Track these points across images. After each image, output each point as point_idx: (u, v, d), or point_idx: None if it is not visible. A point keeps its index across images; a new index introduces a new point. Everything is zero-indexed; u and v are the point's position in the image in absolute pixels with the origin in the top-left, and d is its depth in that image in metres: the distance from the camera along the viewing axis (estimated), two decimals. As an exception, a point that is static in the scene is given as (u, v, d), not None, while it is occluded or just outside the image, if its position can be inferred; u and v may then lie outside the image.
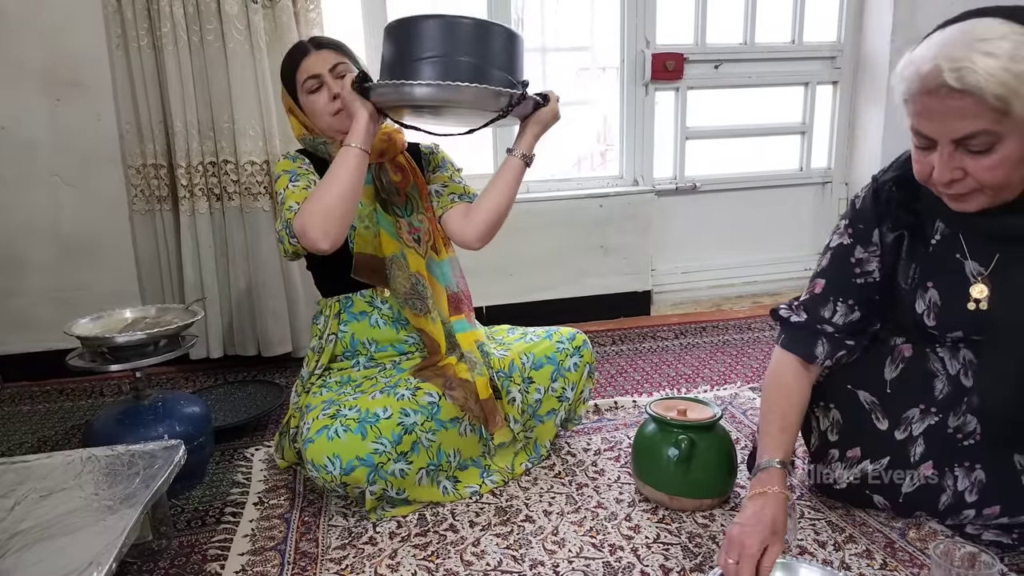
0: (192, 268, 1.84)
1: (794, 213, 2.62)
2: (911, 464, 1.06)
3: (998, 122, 0.80)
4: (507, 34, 1.15)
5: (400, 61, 1.12)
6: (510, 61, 1.14)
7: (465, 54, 1.09)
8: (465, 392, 1.23)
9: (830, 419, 1.13)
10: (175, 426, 1.28)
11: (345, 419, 1.13)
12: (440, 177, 1.40)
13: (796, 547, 1.07)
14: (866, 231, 1.05)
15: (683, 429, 1.17)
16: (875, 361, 1.09)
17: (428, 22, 1.10)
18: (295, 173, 1.27)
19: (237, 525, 1.19)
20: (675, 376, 1.86)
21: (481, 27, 1.12)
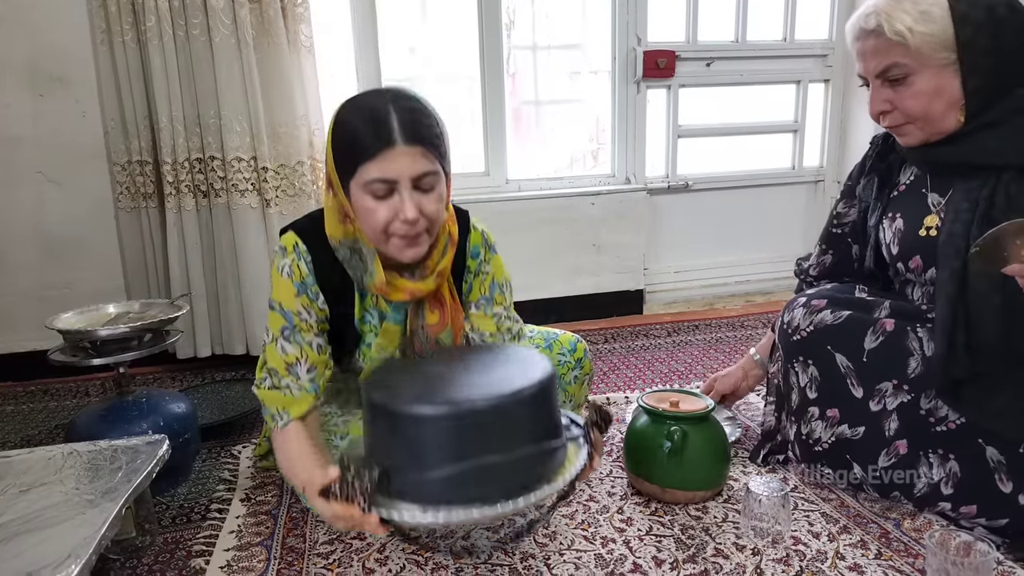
0: (179, 266, 1.82)
1: (787, 212, 2.62)
2: (886, 439, 1.08)
3: (906, 56, 1.01)
4: (541, 391, 0.85)
5: (412, 467, 0.82)
6: (552, 420, 0.89)
7: (506, 448, 0.82)
8: None
9: (809, 375, 1.15)
10: (159, 422, 1.25)
11: (337, 452, 1.10)
12: (484, 320, 1.15)
13: (789, 537, 1.05)
14: (851, 188, 1.28)
15: (675, 421, 1.16)
16: (857, 329, 1.11)
17: (446, 424, 0.81)
18: (290, 327, 1.03)
19: (223, 521, 1.16)
20: (668, 373, 1.85)
21: (516, 402, 0.82)
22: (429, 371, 0.94)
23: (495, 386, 0.84)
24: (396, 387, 0.87)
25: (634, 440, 1.20)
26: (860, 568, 0.98)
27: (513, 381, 0.84)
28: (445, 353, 1.03)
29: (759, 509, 1.05)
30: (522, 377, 0.85)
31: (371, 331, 1.11)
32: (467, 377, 0.90)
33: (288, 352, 1.04)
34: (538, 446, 0.85)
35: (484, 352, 1.01)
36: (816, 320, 1.15)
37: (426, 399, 0.83)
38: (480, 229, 1.14)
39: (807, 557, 1.01)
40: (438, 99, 1.09)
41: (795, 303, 1.21)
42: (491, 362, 0.93)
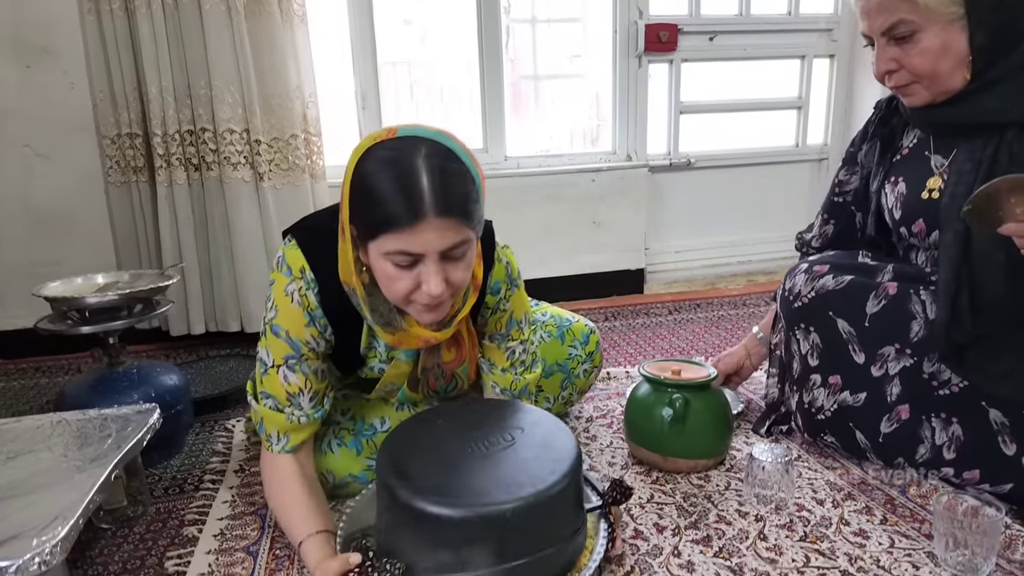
0: (171, 241, 1.78)
1: (790, 190, 2.59)
2: (888, 404, 1.07)
3: (912, 12, 0.99)
4: (569, 484, 0.83)
5: (432, 567, 0.80)
6: (577, 506, 0.87)
7: (533, 548, 0.80)
8: None
9: (810, 342, 1.14)
10: (151, 393, 1.23)
11: (339, 429, 1.07)
12: (496, 353, 1.08)
13: (793, 504, 1.03)
14: (853, 154, 1.26)
15: (677, 389, 1.13)
16: (859, 293, 1.10)
17: (471, 527, 0.77)
18: (296, 356, 0.94)
19: (216, 492, 1.14)
20: (669, 349, 1.82)
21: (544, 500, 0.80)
22: (448, 453, 0.87)
23: (522, 482, 0.80)
24: (415, 476, 0.82)
25: (635, 409, 1.18)
26: (865, 533, 0.96)
27: (540, 475, 0.81)
28: (461, 423, 0.95)
29: (762, 476, 1.03)
30: (549, 470, 0.82)
31: (376, 357, 1.03)
32: (490, 467, 0.84)
33: (291, 382, 0.95)
34: (563, 539, 0.83)
35: (509, 419, 0.94)
36: (818, 286, 1.13)
37: (450, 498, 0.79)
38: (504, 261, 1.03)
39: (811, 523, 0.99)
40: (434, 76, 1.02)
41: (797, 270, 1.19)
42: (514, 449, 0.87)
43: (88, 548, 1.00)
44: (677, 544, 0.95)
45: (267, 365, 0.95)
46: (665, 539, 0.96)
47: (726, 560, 0.91)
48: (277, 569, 0.93)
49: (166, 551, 0.98)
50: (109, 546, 1.00)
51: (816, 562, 0.90)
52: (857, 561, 0.90)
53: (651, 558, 0.92)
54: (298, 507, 0.92)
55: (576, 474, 0.86)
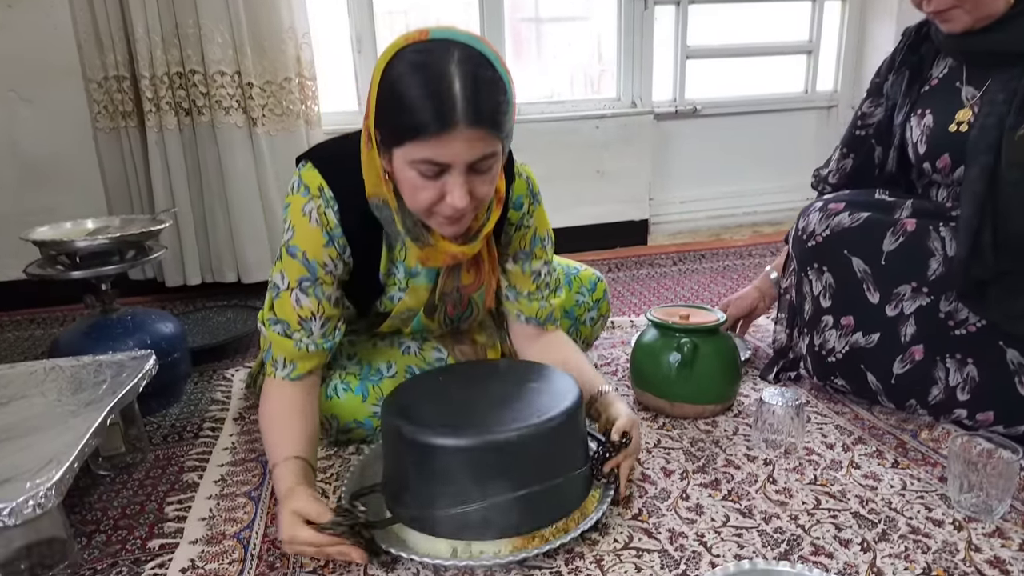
0: (163, 189, 1.74)
1: (798, 139, 2.52)
2: (901, 344, 1.05)
3: None
4: (570, 420, 0.82)
5: (435, 499, 0.79)
6: (580, 448, 0.87)
7: (538, 480, 0.79)
8: (475, 352, 1.13)
9: (823, 283, 1.11)
10: (146, 340, 1.20)
11: (345, 373, 1.04)
12: (521, 278, 1.05)
13: (803, 448, 1.02)
14: (879, 85, 1.21)
15: (685, 333, 1.11)
16: (876, 231, 1.06)
17: (476, 457, 0.77)
18: (312, 279, 0.91)
19: (216, 439, 1.13)
20: (673, 299, 1.80)
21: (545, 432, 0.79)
22: (453, 397, 0.87)
23: (527, 415, 0.80)
24: (421, 416, 0.81)
25: (641, 355, 1.15)
26: (876, 476, 0.94)
27: (545, 408, 0.81)
28: (468, 373, 0.95)
29: (772, 420, 1.01)
30: (554, 404, 0.82)
31: (395, 285, 0.99)
32: (495, 405, 0.84)
33: (304, 305, 0.91)
34: (570, 470, 0.83)
35: (510, 375, 0.93)
36: (833, 224, 1.09)
37: (453, 429, 0.78)
38: (524, 175, 1.01)
39: (821, 466, 0.97)
40: (429, 16, 0.97)
41: (811, 208, 1.15)
42: (517, 391, 0.88)
43: (86, 494, 0.98)
44: (685, 488, 0.93)
45: (280, 288, 0.92)
46: (673, 483, 0.94)
47: (735, 503, 0.89)
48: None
49: (166, 497, 0.97)
50: (108, 492, 0.99)
51: (826, 504, 0.88)
52: (868, 503, 0.88)
53: (659, 501, 0.90)
54: (283, 430, 0.90)
55: (579, 409, 0.85)
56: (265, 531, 0.87)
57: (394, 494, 0.84)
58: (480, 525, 0.78)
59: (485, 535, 0.79)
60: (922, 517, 0.85)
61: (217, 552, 0.83)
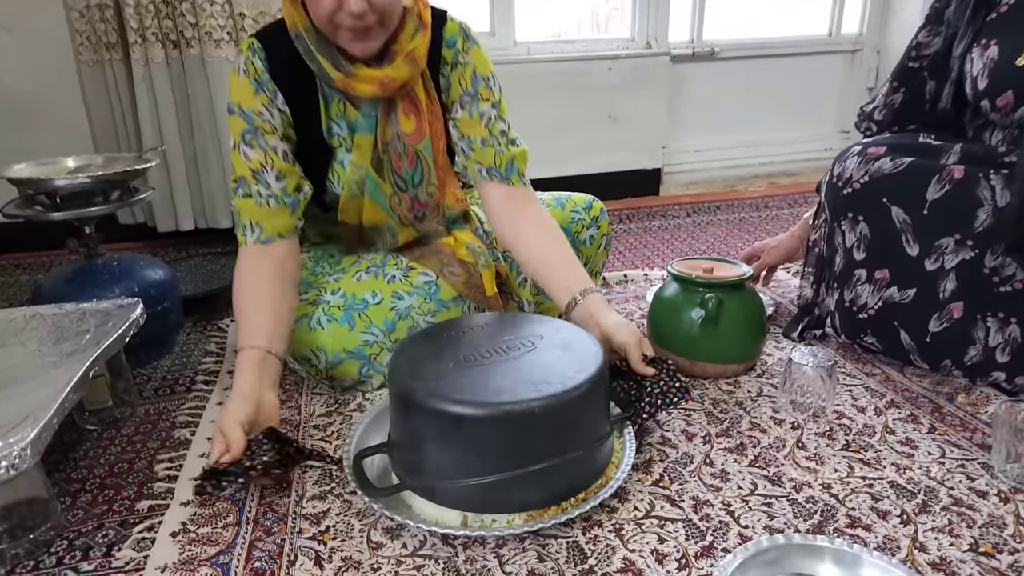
0: (151, 128, 1.63)
1: (820, 85, 2.40)
2: (939, 301, 0.98)
3: None
4: (593, 386, 0.76)
5: (449, 470, 0.74)
6: (603, 412, 0.81)
7: (558, 451, 0.73)
8: (467, 272, 1.07)
9: (857, 233, 1.04)
10: (133, 288, 1.13)
11: (328, 306, 0.98)
12: (470, 124, 1.02)
13: (832, 412, 0.96)
14: (939, 11, 1.10)
15: (710, 288, 1.03)
16: (919, 178, 0.98)
17: (492, 427, 0.71)
18: (252, 129, 0.94)
19: (210, 393, 1.07)
20: (688, 252, 1.72)
21: (569, 400, 0.72)
22: (467, 357, 0.79)
23: (549, 380, 0.73)
24: (433, 378, 0.75)
25: (661, 310, 1.08)
26: (913, 443, 0.88)
27: (567, 374, 0.75)
28: (481, 329, 0.87)
29: (801, 381, 0.95)
30: (576, 369, 0.76)
31: (341, 145, 1.01)
32: (512, 368, 0.77)
33: (251, 158, 0.94)
34: (592, 442, 0.77)
35: (526, 330, 0.85)
36: (872, 169, 1.01)
37: (470, 396, 0.71)
38: (458, 21, 1.03)
39: (853, 432, 0.91)
40: None
41: (848, 153, 1.07)
42: (537, 353, 0.80)
43: (72, 450, 0.93)
44: (708, 452, 0.88)
45: (230, 149, 0.96)
46: (695, 447, 0.89)
47: (762, 469, 0.84)
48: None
49: (156, 454, 0.91)
50: (95, 448, 0.93)
51: (861, 472, 0.83)
52: (906, 471, 0.83)
53: (681, 466, 0.85)
54: (249, 311, 0.91)
55: (603, 375, 0.78)
56: (262, 493, 0.82)
57: (401, 459, 0.79)
58: (493, 498, 0.73)
59: (498, 507, 0.73)
60: (964, 488, 0.80)
61: (210, 515, 0.78)
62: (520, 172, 1.06)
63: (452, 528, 0.72)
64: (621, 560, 0.70)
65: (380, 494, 0.76)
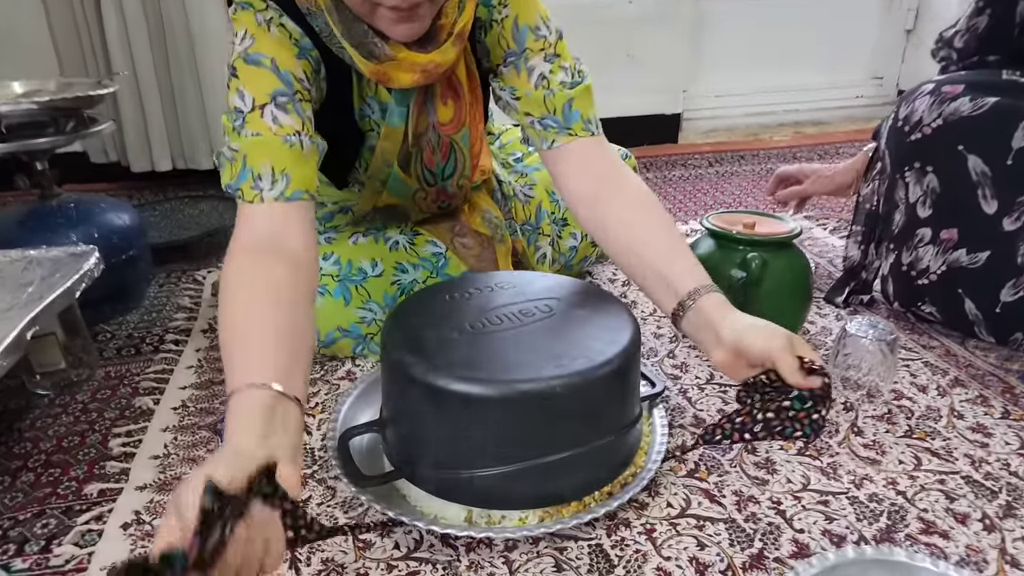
0: (122, 57, 1.47)
1: (852, 26, 2.20)
2: (1016, 267, 0.85)
3: None
4: (626, 362, 0.63)
5: (457, 459, 0.61)
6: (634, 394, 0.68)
7: (584, 439, 0.61)
8: (480, 246, 0.94)
9: (924, 187, 0.90)
10: (93, 233, 1.00)
11: (321, 275, 0.85)
12: (516, 78, 0.79)
13: (890, 392, 0.84)
14: None
15: (752, 246, 0.90)
16: (1005, 121, 0.84)
17: (505, 409, 0.58)
18: (289, 93, 0.68)
19: (180, 355, 0.94)
20: (713, 205, 1.57)
21: (594, 381, 0.60)
22: (474, 325, 0.66)
23: (573, 354, 0.61)
24: (436, 350, 0.62)
25: (693, 270, 0.95)
26: (985, 430, 0.77)
27: (595, 347, 0.62)
28: (490, 289, 0.72)
29: (857, 355, 0.82)
30: (606, 341, 0.63)
31: (372, 130, 0.82)
32: (528, 339, 0.63)
33: (284, 124, 0.66)
34: (622, 428, 0.65)
35: (542, 293, 0.72)
36: (947, 111, 0.87)
37: (478, 373, 0.59)
38: None
39: (915, 415, 0.79)
40: None
41: (918, 92, 0.92)
42: (557, 322, 0.67)
43: (17, 419, 0.81)
44: (750, 436, 0.76)
45: (244, 111, 0.66)
46: (734, 429, 0.77)
47: (814, 459, 0.72)
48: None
49: (113, 426, 0.79)
50: (43, 417, 0.81)
51: (930, 465, 0.71)
52: (983, 465, 0.71)
53: (719, 454, 0.73)
54: (252, 332, 0.56)
55: (636, 348, 0.66)
56: (232, 476, 0.70)
57: (395, 443, 0.67)
58: (503, 491, 0.61)
59: (509, 503, 0.62)
60: (1053, 487, 0.68)
61: (170, 502, 0.67)
62: (585, 118, 0.81)
63: (455, 527, 0.60)
64: (654, 570, 0.59)
65: (370, 483, 0.64)
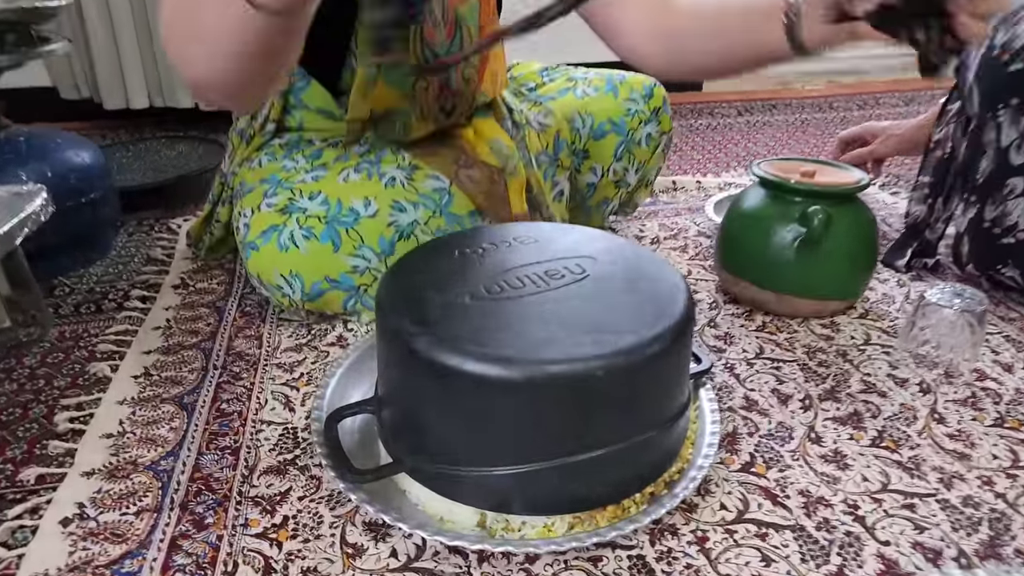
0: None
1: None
2: None
3: None
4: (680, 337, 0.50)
5: (468, 452, 0.49)
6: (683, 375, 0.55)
7: (620, 435, 0.49)
8: (489, 179, 0.80)
9: (1021, 127, 0.76)
10: (46, 172, 0.86)
11: (305, 216, 0.72)
12: None
13: (971, 371, 0.72)
14: None
15: (814, 198, 0.77)
16: None
17: (524, 396, 0.46)
18: None
19: (145, 315, 0.82)
20: (746, 156, 1.43)
21: (639, 363, 0.47)
22: (488, 288, 0.53)
23: (617, 327, 0.48)
24: (442, 320, 0.49)
25: (740, 226, 0.82)
26: (1090, 420, 0.65)
27: (641, 318, 0.49)
28: (511, 243, 0.60)
29: (936, 330, 0.70)
30: (653, 313, 0.50)
31: None
32: (555, 308, 0.50)
33: None
34: (669, 419, 0.52)
35: (567, 247, 0.58)
36: None
37: (497, 351, 0.46)
38: None
39: (1003, 399, 0.68)
40: None
41: (1019, 14, 0.77)
42: (588, 284, 0.53)
43: (-50, 387, 0.69)
44: (812, 423, 0.64)
45: None
46: (793, 414, 0.65)
47: (892, 452, 0.61)
48: (220, 432, 0.63)
49: (61, 397, 0.68)
50: (-19, 385, 0.70)
51: (1031, 462, 0.60)
52: (1095, 464, 0.59)
53: (777, 443, 0.62)
54: None
55: (691, 319, 0.53)
56: (197, 461, 0.59)
57: (392, 429, 0.55)
58: (526, 493, 0.49)
59: (533, 506, 0.50)
60: None
61: (121, 493, 0.55)
62: None
63: (466, 537, 0.49)
64: (712, 593, 0.48)
65: (362, 477, 0.52)
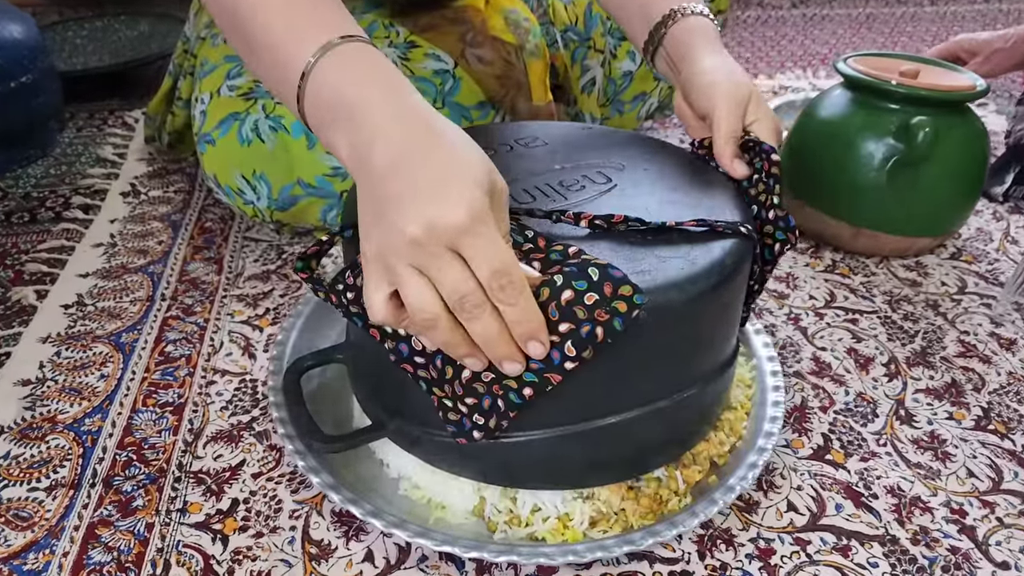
0: None
1: None
2: None
3: None
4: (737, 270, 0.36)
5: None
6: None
7: (663, 392, 0.36)
8: (503, 60, 0.64)
9: None
10: (-42, 48, 0.70)
11: (274, 102, 0.57)
12: None
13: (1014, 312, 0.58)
14: None
15: (918, 105, 0.60)
16: None
17: None
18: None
19: (88, 226, 0.69)
20: (804, 56, 1.23)
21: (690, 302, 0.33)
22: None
23: (661, 253, 0.36)
24: None
25: (815, 139, 0.66)
26: None
27: (684, 247, 0.36)
28: (523, 146, 0.45)
29: (1061, 280, 0.56)
30: (704, 237, 0.37)
31: None
32: (584, 241, 0.36)
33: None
34: (716, 371, 0.40)
35: (594, 152, 0.44)
36: None
37: None
38: None
39: None
40: None
41: None
42: (620, 197, 0.40)
43: None
44: (901, 395, 0.51)
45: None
46: (876, 383, 0.52)
47: (1003, 438, 0.48)
48: (162, 383, 0.51)
49: (-30, 331, 0.55)
50: None
51: None
52: None
53: (856, 421, 0.49)
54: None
55: (750, 248, 0.39)
56: (129, 421, 0.47)
57: (369, 382, 0.42)
58: (538, 464, 0.37)
59: (546, 479, 0.38)
60: None
61: (32, 460, 0.44)
62: None
63: (459, 541, 0.37)
64: (780, 632, 0.36)
65: (331, 446, 0.40)
